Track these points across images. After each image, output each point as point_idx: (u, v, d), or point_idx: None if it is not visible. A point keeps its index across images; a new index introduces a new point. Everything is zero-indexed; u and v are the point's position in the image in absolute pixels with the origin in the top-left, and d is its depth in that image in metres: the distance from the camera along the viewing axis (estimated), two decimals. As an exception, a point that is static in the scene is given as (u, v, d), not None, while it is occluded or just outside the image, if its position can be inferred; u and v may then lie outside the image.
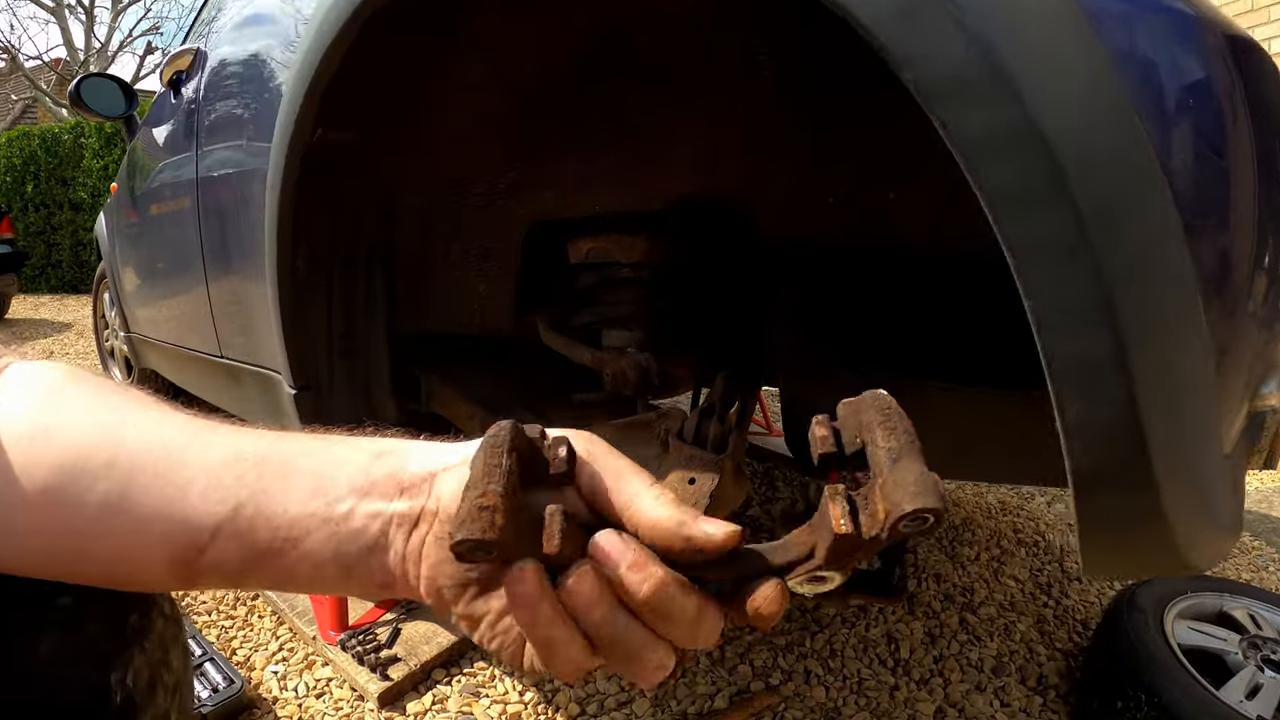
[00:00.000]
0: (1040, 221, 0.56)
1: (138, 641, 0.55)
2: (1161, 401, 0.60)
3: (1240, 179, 0.62)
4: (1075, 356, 0.59)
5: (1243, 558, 2.47)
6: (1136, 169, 0.55)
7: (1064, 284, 0.57)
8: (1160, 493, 0.63)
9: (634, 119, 1.06)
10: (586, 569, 0.43)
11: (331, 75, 1.04)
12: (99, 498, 0.47)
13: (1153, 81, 0.57)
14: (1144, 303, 0.57)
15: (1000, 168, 0.56)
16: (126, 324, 3.17)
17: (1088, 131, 0.55)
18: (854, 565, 0.43)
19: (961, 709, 1.61)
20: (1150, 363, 0.58)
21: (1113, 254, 0.55)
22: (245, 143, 1.62)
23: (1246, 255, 0.63)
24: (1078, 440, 0.62)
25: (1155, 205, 0.56)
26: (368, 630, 1.72)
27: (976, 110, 0.55)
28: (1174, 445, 0.62)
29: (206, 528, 0.47)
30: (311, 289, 1.26)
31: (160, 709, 0.56)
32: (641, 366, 1.10)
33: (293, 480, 0.48)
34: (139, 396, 0.54)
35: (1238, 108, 0.64)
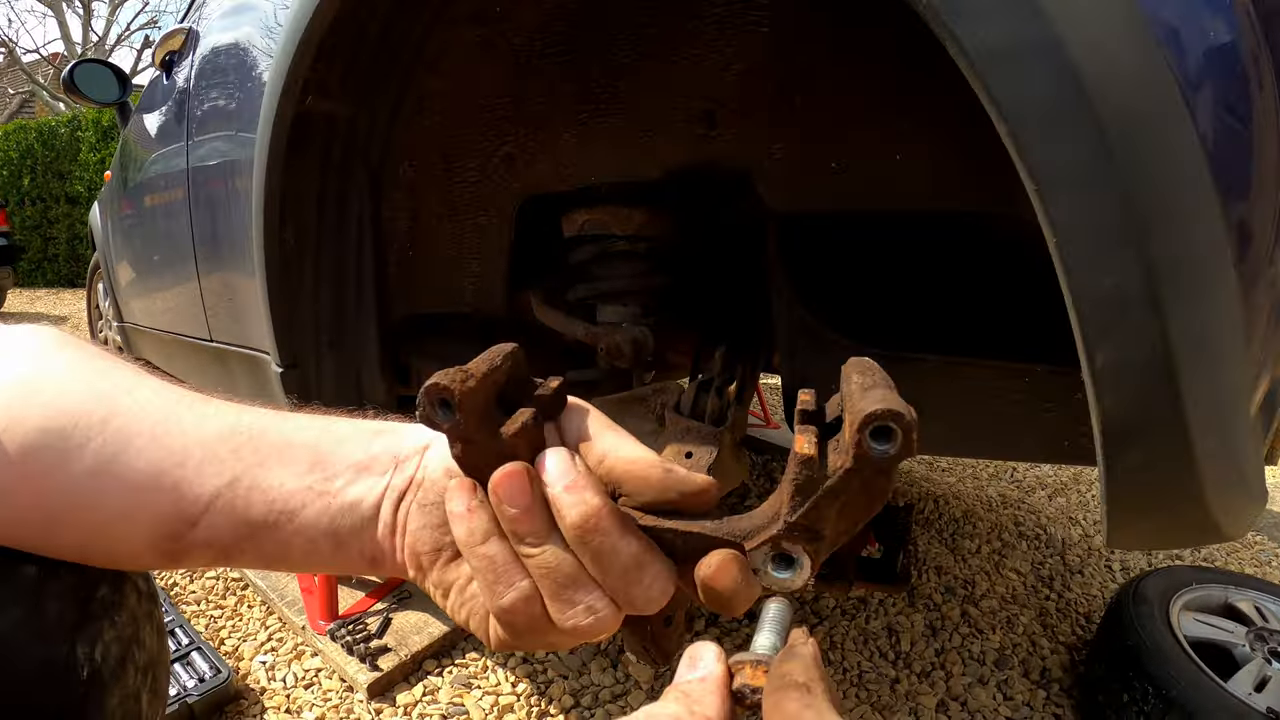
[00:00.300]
0: (1061, 140, 0.52)
1: (107, 615, 0.52)
2: (1197, 349, 0.56)
3: (1264, 130, 0.59)
4: (1103, 293, 0.55)
5: (1246, 552, 2.46)
6: (1156, 91, 0.52)
7: (1089, 211, 0.53)
8: (1195, 450, 0.59)
9: (629, 82, 1.02)
10: (518, 466, 0.41)
11: (320, 39, 1.00)
12: (90, 458, 0.45)
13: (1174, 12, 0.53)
14: (1176, 236, 0.53)
15: (1016, 79, 0.52)
16: (120, 314, 3.14)
17: (1104, 45, 0.51)
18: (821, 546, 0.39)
19: (964, 702, 1.58)
20: (1183, 301, 0.54)
21: (1139, 180, 0.52)
22: (236, 121, 1.59)
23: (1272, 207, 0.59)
24: (1107, 390, 0.58)
25: (1179, 133, 0.52)
26: (358, 620, 1.69)
27: (994, 23, 0.52)
28: (1208, 395, 0.58)
29: (201, 499, 0.46)
30: (299, 264, 1.23)
31: (130, 687, 0.53)
32: (636, 340, 1.07)
33: (290, 454, 0.47)
34: (134, 365, 0.53)
35: (1261, 60, 0.60)
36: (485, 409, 0.40)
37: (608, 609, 0.42)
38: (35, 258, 9.97)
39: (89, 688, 0.49)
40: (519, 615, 0.43)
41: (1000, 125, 0.54)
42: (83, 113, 9.43)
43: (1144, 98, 0.52)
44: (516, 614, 0.43)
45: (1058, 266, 0.55)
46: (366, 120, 1.19)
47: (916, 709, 1.55)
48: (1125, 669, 1.44)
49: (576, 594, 0.42)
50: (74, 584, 0.50)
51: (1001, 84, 0.53)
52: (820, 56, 0.86)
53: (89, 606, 0.51)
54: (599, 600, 0.42)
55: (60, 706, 0.48)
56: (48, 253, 9.99)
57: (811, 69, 0.86)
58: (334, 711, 1.49)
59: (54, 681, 0.48)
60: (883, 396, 0.35)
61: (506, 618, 0.43)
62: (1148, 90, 0.52)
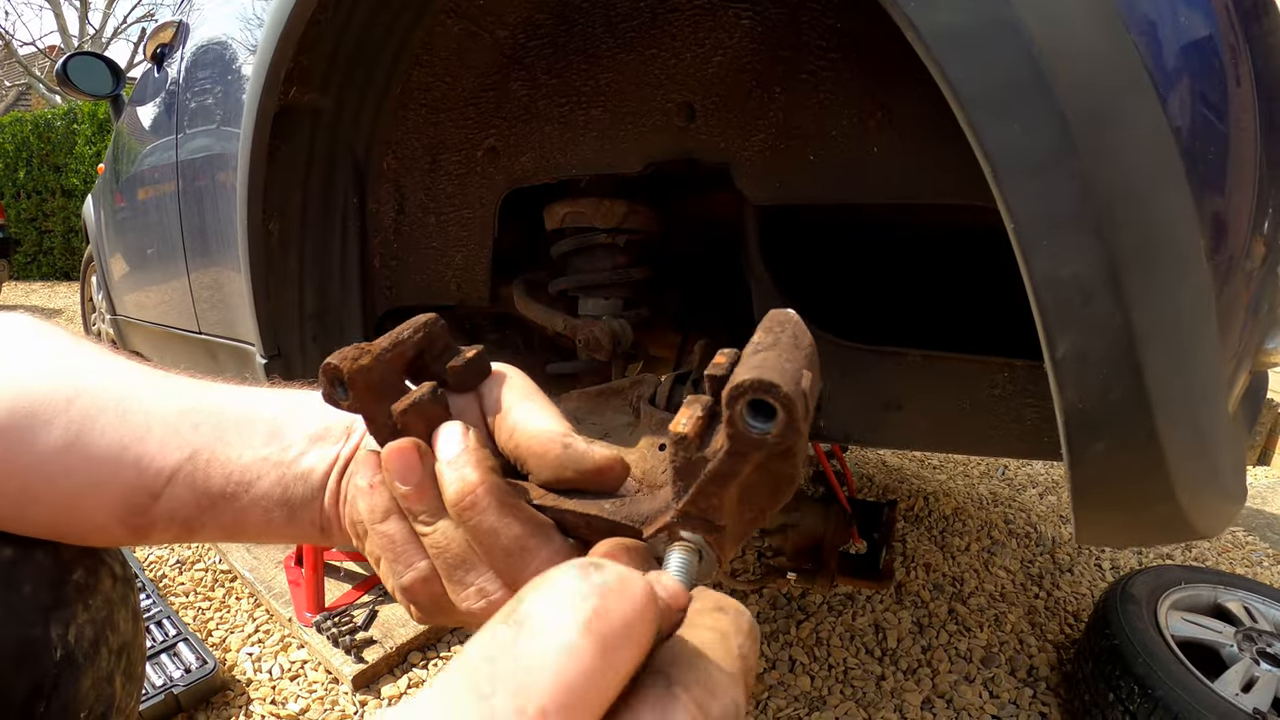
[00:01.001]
0: (1018, 124, 0.51)
1: (81, 598, 0.53)
2: (1162, 337, 0.55)
3: (1239, 119, 0.58)
4: (1063, 280, 0.54)
5: (1237, 553, 2.46)
6: (1121, 71, 0.51)
7: (1047, 196, 0.52)
8: (1162, 442, 0.58)
9: (611, 75, 1.02)
10: (407, 442, 0.40)
11: (301, 31, 1.00)
12: (57, 435, 0.46)
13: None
14: (1139, 221, 0.52)
15: (971, 63, 0.51)
16: (113, 306, 3.14)
17: (1064, 25, 0.50)
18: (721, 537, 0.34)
19: (949, 700, 1.58)
20: (1148, 291, 0.53)
21: (1100, 163, 0.51)
22: (224, 114, 1.59)
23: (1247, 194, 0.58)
24: (1069, 380, 0.57)
25: (1145, 114, 0.51)
26: (344, 612, 1.69)
27: (948, 3, 0.51)
28: (1177, 388, 0.56)
29: (163, 472, 0.47)
30: (284, 256, 1.22)
31: (103, 670, 0.54)
32: (613, 332, 1.06)
33: (248, 428, 0.48)
34: (99, 347, 0.54)
35: (1239, 51, 0.60)
36: (385, 385, 0.40)
37: (500, 592, 0.40)
38: (30, 250, 9.96)
39: (62, 669, 0.50)
40: (420, 595, 0.42)
41: (957, 109, 0.53)
42: (79, 106, 9.41)
43: (1106, 79, 0.51)
44: (417, 593, 0.42)
45: (1017, 254, 0.54)
46: (350, 113, 1.18)
47: (902, 706, 1.55)
48: (1112, 668, 1.44)
49: (468, 575, 0.40)
50: (49, 566, 0.51)
51: (955, 66, 0.52)
52: (800, 48, 0.85)
53: (63, 589, 0.51)
54: (490, 582, 0.40)
55: (33, 687, 0.48)
56: (43, 245, 9.97)
57: (791, 61, 0.86)
58: (319, 703, 1.49)
59: (27, 662, 0.48)
60: (763, 362, 0.30)
61: (408, 597, 0.43)
62: (1111, 71, 0.51)
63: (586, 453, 0.40)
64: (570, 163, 1.08)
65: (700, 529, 0.34)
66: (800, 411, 0.29)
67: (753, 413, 0.30)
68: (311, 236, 1.23)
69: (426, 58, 1.17)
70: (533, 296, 1.23)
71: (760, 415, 0.30)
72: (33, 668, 0.48)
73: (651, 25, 0.97)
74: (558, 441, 0.41)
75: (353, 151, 1.23)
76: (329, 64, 1.11)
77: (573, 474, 0.40)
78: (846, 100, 0.82)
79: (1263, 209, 0.62)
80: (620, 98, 1.01)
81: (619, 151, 1.02)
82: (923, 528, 2.35)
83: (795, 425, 0.29)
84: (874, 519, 1.43)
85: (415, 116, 1.22)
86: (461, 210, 1.23)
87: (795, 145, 0.87)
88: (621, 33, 1.00)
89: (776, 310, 0.35)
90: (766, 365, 0.30)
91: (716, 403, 0.34)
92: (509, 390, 0.45)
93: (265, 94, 1.06)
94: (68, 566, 0.52)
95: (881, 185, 0.81)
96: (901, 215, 1.02)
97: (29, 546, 0.50)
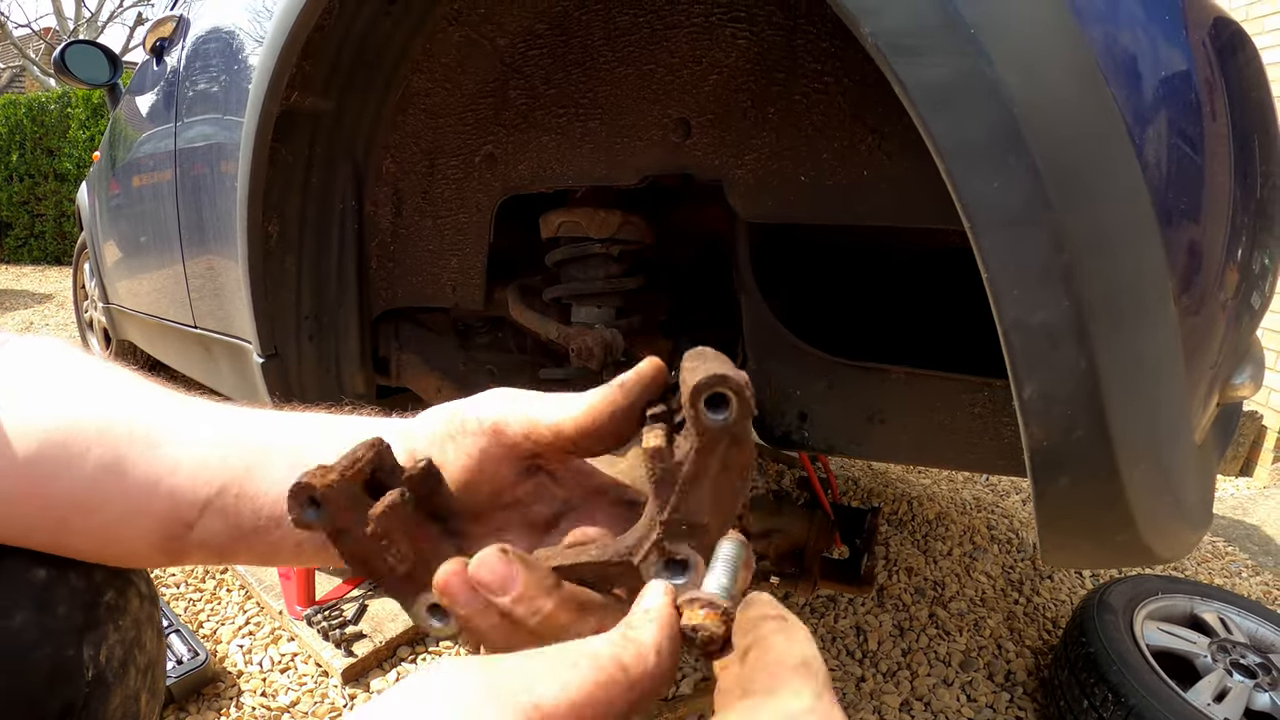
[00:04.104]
0: (994, 180, 0.54)
1: (112, 619, 0.55)
2: (1126, 381, 0.58)
3: (1215, 159, 0.61)
4: (1032, 327, 0.57)
5: (1216, 563, 2.49)
6: (1098, 128, 0.53)
7: (1019, 247, 0.55)
8: (1123, 479, 0.61)
9: (609, 88, 1.04)
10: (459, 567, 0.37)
11: (305, 37, 1.02)
12: (91, 465, 0.48)
13: (1120, 42, 0.55)
14: (1107, 272, 0.55)
15: (953, 121, 0.54)
16: (106, 295, 3.14)
17: (1045, 86, 0.53)
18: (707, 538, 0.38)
19: (928, 703, 1.61)
20: (1113, 338, 0.56)
21: (1073, 218, 0.53)
22: (224, 110, 1.60)
23: (1219, 236, 0.61)
24: (1035, 419, 0.60)
25: (1120, 169, 0.54)
26: (334, 606, 1.71)
27: (932, 61, 0.53)
28: (1139, 427, 0.59)
29: (195, 504, 0.49)
30: (282, 257, 1.24)
31: (132, 688, 0.56)
32: (605, 341, 1.09)
33: (271, 460, 0.49)
34: (127, 372, 0.56)
35: (1215, 88, 0.62)
36: (353, 500, 0.41)
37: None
38: (21, 234, 9.89)
39: (93, 688, 0.52)
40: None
41: (937, 159, 0.55)
42: (73, 90, 9.35)
43: (1083, 136, 0.53)
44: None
45: (990, 300, 0.57)
46: (351, 116, 1.20)
47: (880, 708, 1.57)
48: (1087, 675, 1.46)
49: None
50: (82, 588, 0.52)
51: (937, 122, 0.54)
52: (794, 71, 0.88)
53: (95, 611, 0.53)
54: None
55: (64, 707, 0.50)
56: (34, 229, 9.90)
57: (785, 83, 0.88)
58: (309, 696, 1.51)
59: (60, 682, 0.50)
60: (709, 367, 0.35)
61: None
62: (1088, 128, 0.53)
63: (638, 377, 0.42)
64: (567, 173, 1.10)
65: (686, 536, 0.38)
66: (748, 395, 0.35)
67: (711, 408, 0.35)
68: (310, 238, 1.25)
69: (427, 64, 1.18)
70: (527, 303, 1.25)
71: (717, 408, 0.35)
72: (65, 688, 0.50)
73: (650, 41, 0.99)
74: (614, 392, 0.42)
75: (352, 154, 1.25)
76: (331, 68, 1.12)
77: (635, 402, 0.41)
78: (838, 124, 0.85)
79: (1234, 246, 0.65)
80: (617, 111, 1.03)
81: (615, 164, 1.04)
82: (906, 532, 2.38)
83: (747, 406, 0.35)
84: (857, 525, 1.45)
85: (414, 121, 1.24)
86: (458, 214, 1.25)
87: (787, 165, 0.89)
88: (620, 47, 1.02)
89: (692, 349, 0.40)
90: (713, 367, 0.35)
91: (672, 423, 0.39)
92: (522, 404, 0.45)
93: (268, 98, 1.08)
94: (99, 588, 0.54)
95: (871, 208, 0.84)
96: (892, 232, 1.04)
97: (62, 568, 0.52)
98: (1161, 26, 0.57)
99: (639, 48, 1.00)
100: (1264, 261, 0.74)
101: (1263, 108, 0.72)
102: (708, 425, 0.35)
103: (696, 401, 0.35)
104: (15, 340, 0.56)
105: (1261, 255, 0.73)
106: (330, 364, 1.34)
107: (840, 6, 0.56)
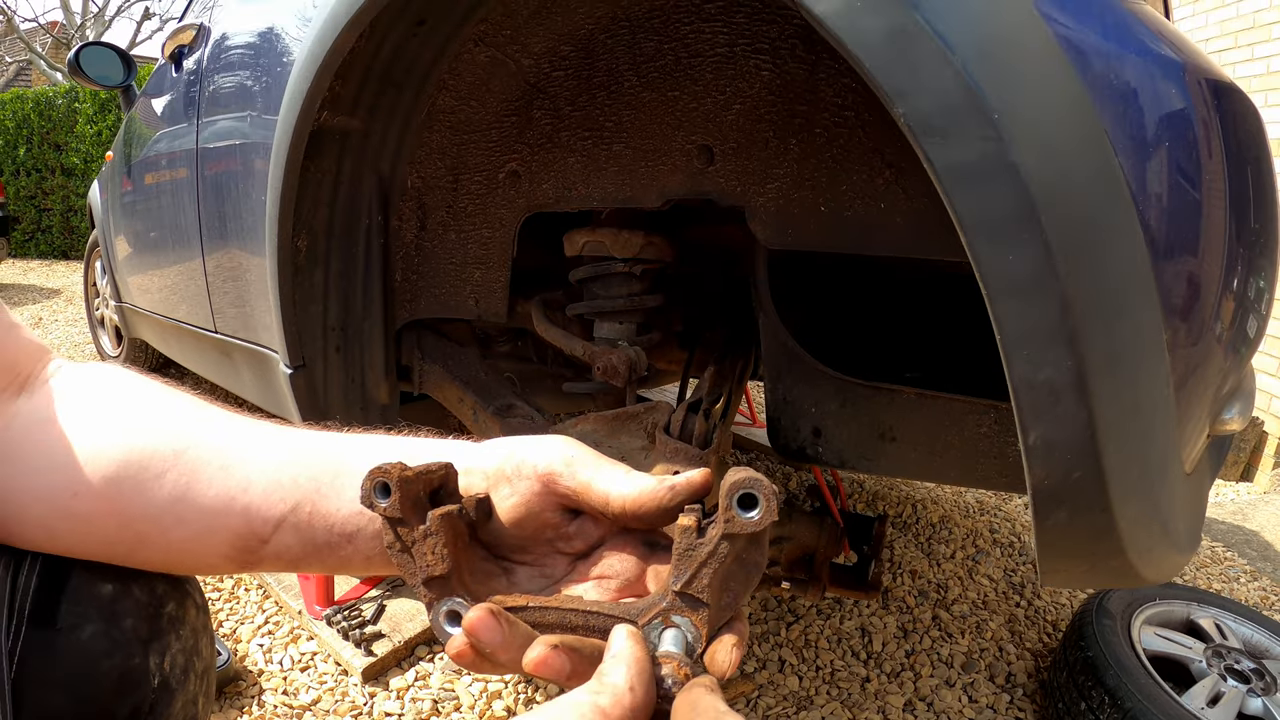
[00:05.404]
0: (1009, 253, 0.59)
1: (174, 629, 0.59)
2: (1120, 428, 0.63)
3: (1212, 219, 0.65)
4: (1038, 383, 0.62)
5: (1215, 568, 2.52)
6: (1106, 204, 0.58)
7: (1030, 314, 0.60)
8: (1115, 514, 0.66)
9: (633, 113, 1.08)
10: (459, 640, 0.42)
11: (340, 62, 1.05)
12: (168, 487, 0.53)
13: (1130, 121, 0.60)
14: (1107, 334, 0.60)
15: (974, 199, 0.58)
16: (118, 293, 3.17)
17: (1059, 167, 0.57)
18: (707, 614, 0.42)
19: (930, 703, 1.65)
20: (1110, 391, 0.61)
21: (1079, 286, 0.58)
22: (248, 119, 1.63)
23: (1213, 291, 0.66)
24: (1037, 462, 0.65)
25: (1124, 240, 0.59)
26: (353, 606, 1.75)
27: (957, 143, 0.58)
28: (1131, 470, 0.65)
29: (270, 521, 0.53)
30: (310, 270, 1.28)
31: (191, 693, 0.60)
32: (630, 360, 1.13)
33: (342, 481, 0.54)
34: (191, 396, 0.60)
35: (1213, 149, 0.66)
36: (416, 500, 0.46)
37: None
38: (29, 229, 9.91)
39: (159, 694, 0.56)
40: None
41: (960, 232, 0.60)
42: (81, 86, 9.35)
43: (1091, 212, 0.58)
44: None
45: (1002, 357, 0.62)
46: (378, 134, 1.24)
47: (885, 708, 1.61)
48: (1085, 678, 1.49)
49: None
50: (145, 600, 0.57)
51: (960, 199, 0.59)
52: (815, 104, 0.91)
53: (158, 621, 0.57)
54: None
55: (133, 711, 0.54)
56: (41, 224, 9.92)
57: (806, 115, 0.92)
58: (330, 694, 1.55)
59: (128, 689, 0.54)
60: (747, 473, 0.41)
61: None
62: (1095, 203, 0.58)
63: (689, 483, 0.47)
64: (591, 194, 1.13)
65: (688, 609, 0.43)
66: (774, 504, 0.40)
67: (741, 507, 0.41)
68: (337, 252, 1.29)
69: (452, 83, 1.22)
70: (551, 318, 1.29)
71: (747, 506, 0.41)
72: (132, 694, 0.54)
73: (675, 67, 1.02)
74: (663, 491, 0.47)
75: (378, 170, 1.28)
76: (359, 88, 1.16)
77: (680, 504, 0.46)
78: (857, 157, 0.88)
79: (1230, 278, 0.69)
80: (642, 135, 1.07)
81: (639, 187, 1.07)
82: (910, 535, 2.42)
83: (772, 511, 0.40)
84: (865, 532, 1.49)
85: (439, 138, 1.27)
86: (481, 229, 1.29)
87: (807, 195, 0.93)
88: (645, 71, 1.05)
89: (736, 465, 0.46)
90: (751, 472, 0.41)
91: (705, 515, 0.44)
92: (578, 464, 0.50)
93: (300, 120, 1.11)
94: (161, 600, 0.58)
95: (887, 240, 0.88)
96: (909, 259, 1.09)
97: (126, 581, 0.56)
98: (1168, 97, 0.62)
99: (663, 74, 1.04)
100: (1259, 285, 0.79)
101: (1257, 143, 0.76)
102: (735, 519, 0.40)
103: (730, 496, 0.40)
104: (69, 366, 0.60)
105: (1256, 279, 0.78)
106: (356, 374, 1.38)
107: (876, 85, 0.60)
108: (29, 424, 0.55)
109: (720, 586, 0.42)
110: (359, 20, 0.97)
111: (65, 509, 0.53)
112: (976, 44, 0.57)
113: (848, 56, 0.60)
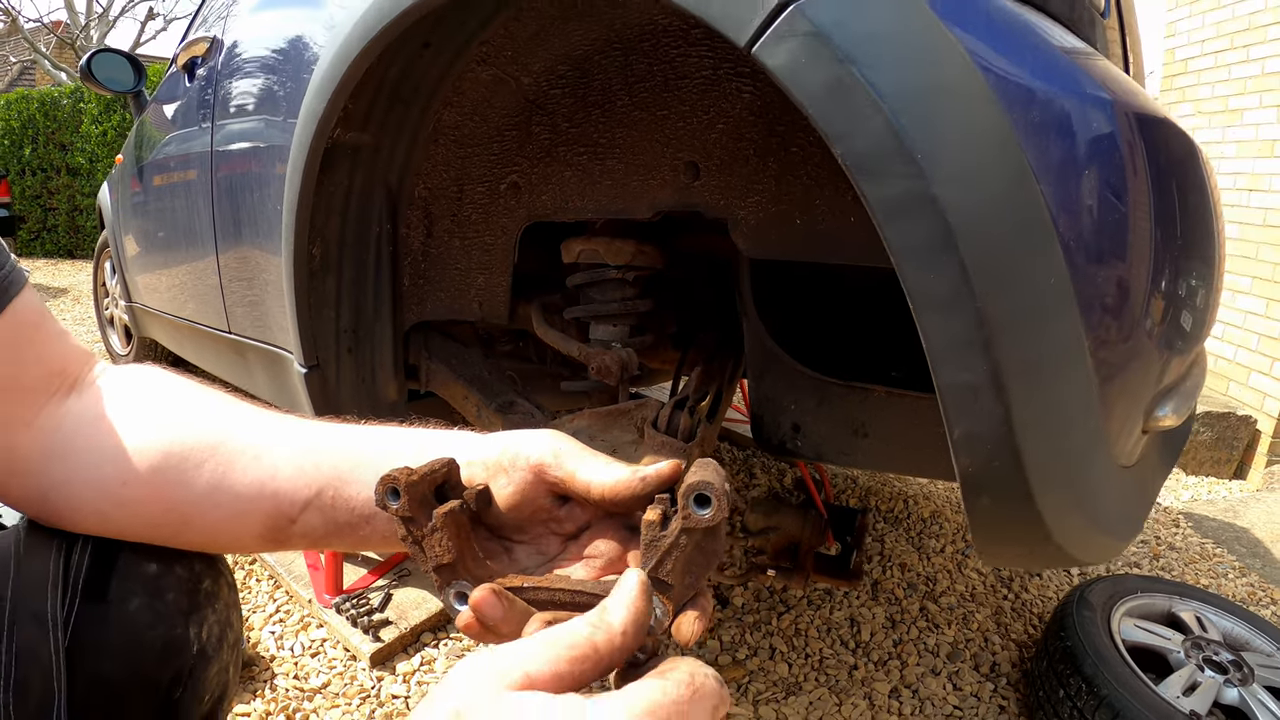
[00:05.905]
0: (931, 274, 0.66)
1: (210, 603, 0.67)
2: (1038, 424, 0.70)
3: (1137, 232, 0.72)
4: (959, 385, 0.70)
5: (1204, 564, 2.56)
6: (1023, 229, 0.65)
7: (950, 327, 0.68)
8: (1037, 501, 0.74)
9: (625, 130, 1.15)
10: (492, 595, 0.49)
11: (355, 84, 1.12)
12: (207, 476, 0.60)
13: (1052, 151, 0.67)
14: (1022, 342, 0.67)
15: (900, 228, 0.66)
16: (128, 293, 3.23)
17: (978, 198, 0.65)
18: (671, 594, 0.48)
19: (916, 690, 1.71)
20: (1025, 391, 0.69)
21: (994, 302, 0.66)
22: (264, 126, 1.70)
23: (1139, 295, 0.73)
24: (962, 452, 0.73)
25: (1041, 259, 0.66)
26: (361, 595, 1.82)
27: (884, 180, 0.66)
28: (1051, 461, 0.72)
29: (298, 504, 0.60)
30: (324, 276, 1.35)
31: (224, 661, 0.68)
32: (622, 361, 1.20)
33: (360, 470, 0.61)
34: (224, 394, 0.68)
35: (1138, 170, 0.74)
36: (423, 499, 0.52)
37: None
38: (34, 228, 9.97)
39: (197, 661, 0.64)
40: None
41: (890, 256, 0.68)
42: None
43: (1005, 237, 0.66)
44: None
45: (930, 364, 0.70)
46: (387, 148, 1.31)
47: (871, 694, 1.68)
48: (1064, 667, 1.53)
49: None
50: (185, 577, 0.65)
51: (890, 229, 0.67)
52: (792, 125, 0.98)
53: (196, 596, 0.65)
54: None
55: (175, 676, 0.62)
56: (47, 223, 9.99)
57: (784, 136, 0.99)
58: (339, 678, 1.62)
59: (171, 656, 0.62)
60: (704, 475, 0.47)
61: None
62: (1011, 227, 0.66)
63: (658, 474, 0.53)
64: (586, 206, 1.21)
65: (657, 590, 0.49)
66: (726, 501, 0.47)
67: (698, 505, 0.47)
68: (349, 258, 1.36)
69: (457, 100, 1.29)
70: (549, 321, 1.36)
71: (702, 504, 0.47)
72: (174, 660, 0.62)
73: (664, 88, 1.10)
74: (635, 481, 0.53)
75: (387, 182, 1.35)
76: (370, 106, 1.23)
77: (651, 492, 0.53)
78: (829, 175, 0.96)
79: (1158, 280, 0.76)
80: (633, 151, 1.14)
81: (630, 199, 1.15)
82: (901, 529, 2.47)
83: (724, 510, 0.47)
84: (848, 524, 1.57)
85: (445, 151, 1.34)
86: (484, 237, 1.36)
87: (785, 209, 1.00)
88: (636, 91, 1.13)
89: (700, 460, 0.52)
90: (706, 474, 0.48)
91: (672, 504, 0.50)
92: (565, 456, 0.56)
93: (315, 137, 1.19)
94: (199, 577, 0.66)
95: (856, 249, 0.95)
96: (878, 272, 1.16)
97: (168, 561, 0.64)
98: (1092, 128, 0.69)
99: (653, 94, 1.11)
100: (1189, 284, 0.86)
101: (1183, 164, 0.84)
102: (692, 515, 0.47)
103: (687, 497, 0.47)
104: (112, 368, 0.68)
105: (1187, 280, 0.85)
106: (366, 373, 1.46)
107: (819, 128, 0.68)
108: (80, 422, 0.62)
109: (683, 570, 0.49)
110: (370, 50, 1.04)
111: (116, 496, 0.60)
112: (903, 92, 0.65)
113: (796, 103, 0.68)
